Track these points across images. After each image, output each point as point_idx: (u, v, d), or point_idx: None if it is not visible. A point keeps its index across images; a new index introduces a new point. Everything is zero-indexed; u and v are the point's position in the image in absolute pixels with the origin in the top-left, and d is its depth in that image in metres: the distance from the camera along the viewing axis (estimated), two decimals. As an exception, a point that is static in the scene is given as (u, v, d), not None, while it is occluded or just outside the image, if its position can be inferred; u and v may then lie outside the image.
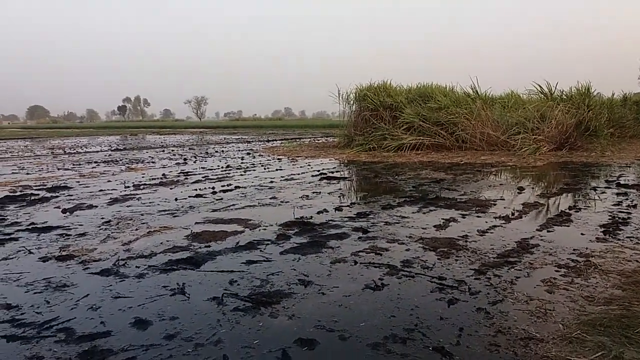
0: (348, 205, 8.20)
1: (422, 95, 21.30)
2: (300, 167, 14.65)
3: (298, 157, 18.37)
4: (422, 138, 19.32)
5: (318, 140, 30.43)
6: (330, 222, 6.91)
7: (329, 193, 9.56)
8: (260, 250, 5.52)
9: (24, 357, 3.13)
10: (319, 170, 13.42)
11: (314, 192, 9.62)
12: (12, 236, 6.39)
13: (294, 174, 12.63)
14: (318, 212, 7.56)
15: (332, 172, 13.15)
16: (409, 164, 15.28)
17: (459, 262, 4.96)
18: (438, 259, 5.08)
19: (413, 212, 7.52)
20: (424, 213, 7.49)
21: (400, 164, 15.34)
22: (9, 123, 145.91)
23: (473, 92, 21.24)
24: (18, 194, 10.00)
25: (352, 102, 22.37)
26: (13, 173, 14.12)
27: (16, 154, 22.48)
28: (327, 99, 24.39)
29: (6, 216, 7.72)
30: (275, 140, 32.22)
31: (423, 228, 6.46)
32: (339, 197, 9.21)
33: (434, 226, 6.54)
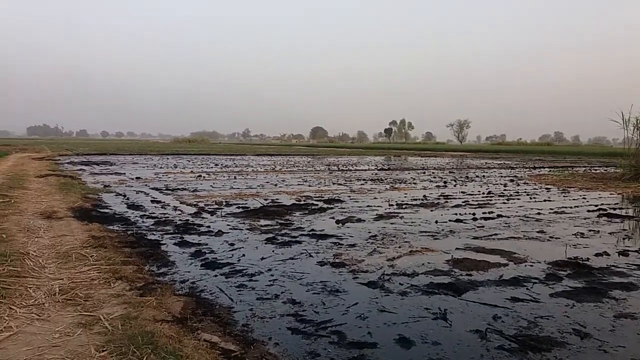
0: (636, 251, 6.95)
1: None
2: (573, 199, 13.12)
3: (570, 187, 16.51)
4: None
5: (595, 170, 26.84)
6: (612, 267, 5.97)
7: (610, 233, 8.29)
8: (527, 289, 5.11)
9: (304, 351, 3.55)
10: (596, 205, 11.78)
11: (590, 230, 8.48)
12: (297, 239, 7.38)
13: (566, 207, 11.37)
14: (596, 254, 6.62)
15: (614, 209, 11.37)
16: None
17: None
18: None
19: None
20: None
21: None
22: (296, 141, 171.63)
23: None
24: (302, 202, 11.55)
25: (641, 128, 19.02)
26: (298, 184, 16.42)
27: (301, 168, 26.17)
28: (607, 124, 21.06)
29: (293, 221, 8.98)
30: (543, 167, 29.68)
31: None
32: (624, 239, 7.89)
33: None
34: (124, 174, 19.72)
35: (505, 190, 15.36)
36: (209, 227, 8.29)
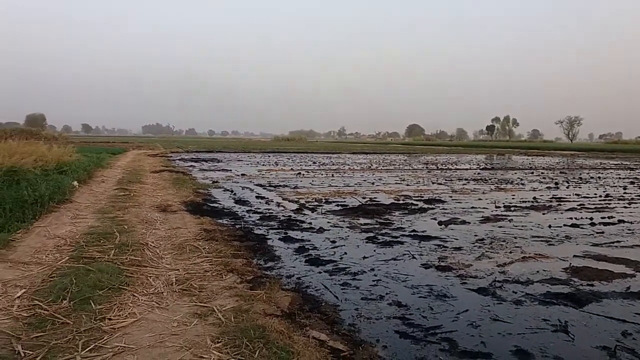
0: None
1: None
2: None
3: None
4: None
5: None
6: None
7: None
8: (663, 304, 4.56)
9: (414, 357, 3.43)
10: None
11: None
12: (398, 240, 7.23)
13: None
14: None
15: None
16: None
17: None
18: None
19: None
20: None
21: None
22: (391, 139, 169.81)
23: None
24: (401, 202, 11.33)
25: None
26: (396, 183, 16.18)
27: (398, 166, 25.81)
28: None
29: (393, 221, 8.82)
30: (671, 169, 26.61)
31: None
32: None
33: None
34: (230, 170, 20.70)
35: (625, 193, 13.97)
36: (310, 223, 8.40)
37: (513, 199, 12.29)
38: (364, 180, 16.82)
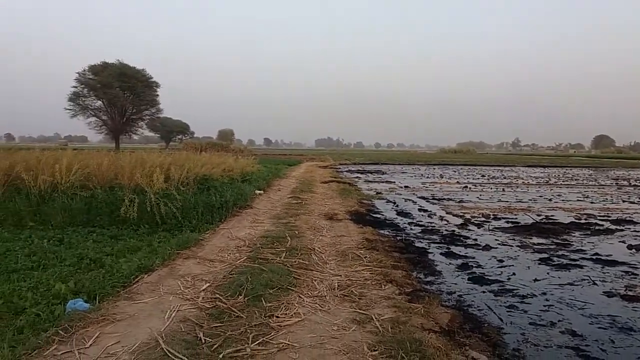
0: None
1: None
2: None
3: None
4: None
5: None
6: None
7: None
8: None
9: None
10: None
11: None
12: (577, 263, 6.53)
13: None
14: None
15: None
16: None
17: None
18: None
19: None
20: None
21: None
22: (574, 151, 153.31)
23: None
24: (583, 221, 10.19)
25: None
26: (578, 200, 14.61)
27: (581, 181, 23.25)
28: None
29: (571, 242, 7.99)
30: None
31: None
32: None
33: None
34: (394, 182, 20.85)
35: None
36: (475, 240, 8.04)
37: None
38: (540, 196, 15.51)
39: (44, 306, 4.20)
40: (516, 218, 10.52)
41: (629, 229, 9.39)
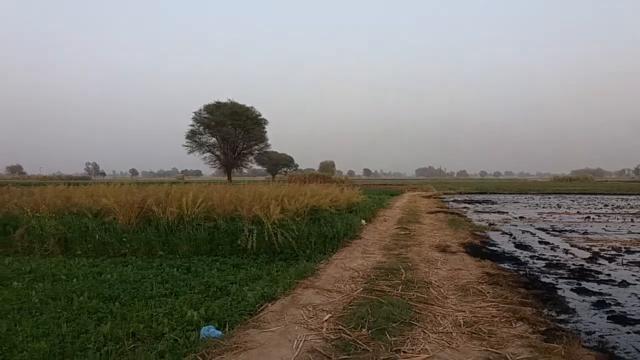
0: None
1: None
2: None
3: None
4: None
5: None
6: None
7: None
8: None
9: None
10: None
11: None
12: None
13: None
14: None
15: None
16: None
17: None
18: None
19: None
20: None
21: None
22: None
23: None
24: None
25: None
26: None
27: None
28: None
29: None
30: None
31: None
32: None
33: None
34: (507, 212, 19.78)
35: None
36: (609, 275, 7.33)
37: None
38: (679, 227, 13.84)
39: (179, 332, 4.48)
40: (654, 251, 9.44)
41: None
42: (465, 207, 22.88)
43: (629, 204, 25.05)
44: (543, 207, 23.06)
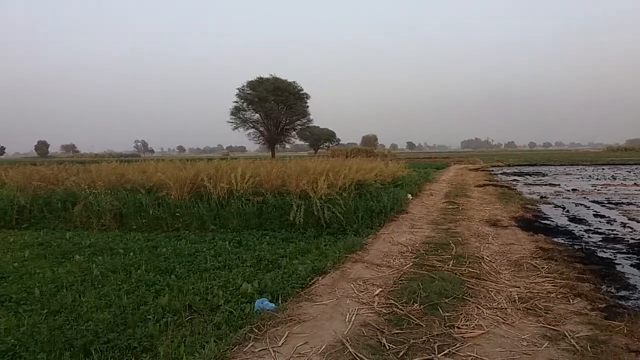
0: None
1: None
2: None
3: None
4: None
5: None
6: None
7: None
8: None
9: None
10: None
11: None
12: None
13: None
14: None
15: None
16: None
17: None
18: None
19: None
20: None
21: None
22: None
23: None
24: None
25: None
26: None
27: None
28: None
29: None
30: None
31: None
32: None
33: None
34: (558, 185, 19.11)
35: None
36: (673, 250, 6.99)
37: None
38: None
39: (234, 304, 4.61)
40: None
41: None
42: (514, 180, 22.24)
43: (692, 175, 23.69)
44: (597, 179, 22.11)
